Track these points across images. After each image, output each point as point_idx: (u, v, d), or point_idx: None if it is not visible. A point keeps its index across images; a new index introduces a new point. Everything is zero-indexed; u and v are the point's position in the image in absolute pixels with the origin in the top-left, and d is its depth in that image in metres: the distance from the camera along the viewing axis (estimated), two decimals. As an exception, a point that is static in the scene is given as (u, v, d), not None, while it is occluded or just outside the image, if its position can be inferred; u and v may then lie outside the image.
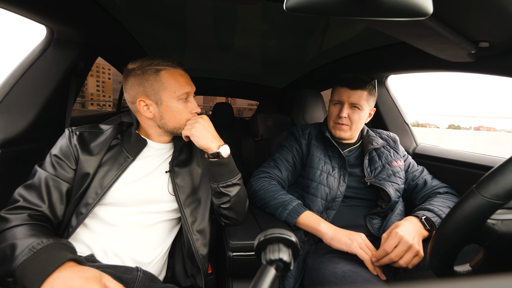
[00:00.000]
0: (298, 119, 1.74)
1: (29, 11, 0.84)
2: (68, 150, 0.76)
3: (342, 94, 1.07)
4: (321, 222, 0.91)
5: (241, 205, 0.90)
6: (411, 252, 0.77)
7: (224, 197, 0.85)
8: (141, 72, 0.80)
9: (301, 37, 1.25)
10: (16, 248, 0.56)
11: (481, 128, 17.46)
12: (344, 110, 1.06)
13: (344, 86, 1.07)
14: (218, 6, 1.01)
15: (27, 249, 0.55)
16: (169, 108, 0.82)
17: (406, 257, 0.77)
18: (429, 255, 0.52)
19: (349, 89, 1.06)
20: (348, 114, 1.06)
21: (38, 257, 0.54)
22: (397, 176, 1.06)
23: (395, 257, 0.77)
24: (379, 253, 0.80)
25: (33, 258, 0.54)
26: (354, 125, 1.08)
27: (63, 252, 0.57)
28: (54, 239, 0.59)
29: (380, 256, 0.79)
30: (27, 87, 0.96)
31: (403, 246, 0.77)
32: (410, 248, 0.77)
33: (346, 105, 1.06)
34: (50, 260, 0.54)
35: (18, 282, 0.53)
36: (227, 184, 0.84)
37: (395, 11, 0.39)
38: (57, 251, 0.57)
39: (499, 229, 0.46)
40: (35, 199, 0.69)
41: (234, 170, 0.87)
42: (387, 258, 0.78)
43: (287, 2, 0.41)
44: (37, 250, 0.55)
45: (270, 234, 0.37)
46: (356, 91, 1.05)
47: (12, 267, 0.53)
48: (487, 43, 0.72)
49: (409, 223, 0.83)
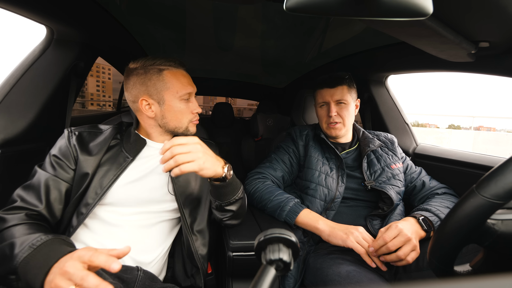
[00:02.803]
0: (298, 119, 1.74)
1: (29, 11, 0.84)
2: (67, 150, 0.76)
3: (325, 95, 1.10)
4: (319, 220, 0.91)
5: (243, 212, 0.90)
6: (410, 245, 0.78)
7: (228, 213, 0.84)
8: (143, 71, 0.80)
9: (301, 37, 1.25)
10: (15, 247, 0.57)
11: (481, 128, 17.46)
12: (332, 108, 1.08)
13: (324, 87, 1.11)
14: (218, 6, 1.01)
15: (27, 246, 0.56)
16: (171, 107, 0.82)
17: (404, 248, 0.77)
18: (429, 255, 0.52)
19: (330, 88, 1.09)
20: (337, 112, 1.09)
21: (39, 253, 0.55)
22: (397, 178, 1.06)
23: (393, 247, 0.77)
24: (377, 242, 0.80)
25: (34, 254, 0.55)
26: (345, 120, 1.10)
27: (62, 246, 0.58)
28: (53, 235, 0.60)
29: (378, 246, 0.79)
30: (27, 87, 0.96)
31: (402, 238, 0.78)
32: (409, 242, 0.78)
33: (332, 104, 1.09)
34: (50, 254, 0.55)
35: (21, 279, 0.54)
36: (231, 202, 0.80)
37: (395, 11, 0.39)
38: (57, 245, 0.58)
39: (499, 229, 0.46)
40: (32, 199, 0.69)
41: (237, 185, 0.81)
42: (385, 247, 0.78)
43: (287, 2, 0.41)
44: (37, 247, 0.56)
45: (270, 234, 0.37)
46: (336, 88, 1.08)
47: (14, 265, 0.54)
48: (487, 43, 0.72)
49: (407, 222, 0.83)
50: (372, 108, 1.51)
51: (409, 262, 0.77)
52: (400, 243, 0.78)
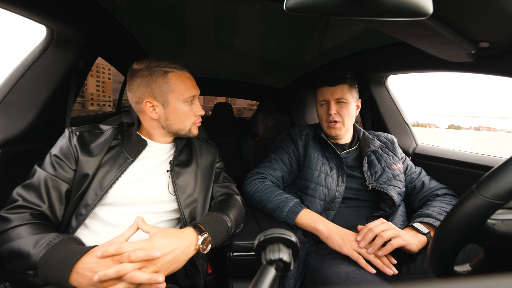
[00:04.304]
0: (298, 119, 1.74)
1: (29, 11, 0.84)
2: (68, 150, 0.76)
3: (325, 93, 1.10)
4: (319, 221, 0.91)
5: (241, 224, 0.90)
6: (391, 230, 0.80)
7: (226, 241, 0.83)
8: (148, 73, 0.80)
9: (301, 37, 1.25)
10: (30, 245, 0.59)
11: (481, 128, 17.46)
12: (332, 107, 1.08)
13: (325, 85, 1.11)
14: (218, 7, 1.01)
15: (44, 244, 0.59)
16: (176, 110, 0.83)
17: (388, 232, 0.80)
18: (429, 255, 0.52)
19: (330, 86, 1.09)
20: (336, 110, 1.09)
21: (58, 250, 0.59)
22: (398, 179, 1.06)
23: (377, 229, 0.80)
24: (362, 231, 0.83)
25: (52, 251, 0.59)
26: (345, 119, 1.10)
27: (79, 245, 0.63)
28: (67, 235, 0.64)
29: (363, 234, 0.82)
30: (27, 87, 0.96)
31: (386, 224, 0.82)
32: (392, 227, 0.81)
33: (332, 102, 1.09)
34: (71, 249, 0.60)
35: (39, 275, 0.57)
36: (224, 243, 0.79)
37: (395, 11, 0.39)
38: (73, 244, 0.62)
39: (499, 229, 0.46)
40: (34, 199, 0.69)
41: (222, 230, 0.75)
42: (369, 231, 0.81)
43: (287, 2, 0.41)
44: (54, 244, 0.59)
45: (270, 234, 0.37)
46: (337, 87, 1.08)
47: (33, 261, 0.57)
48: (487, 43, 0.72)
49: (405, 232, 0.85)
50: (372, 108, 1.51)
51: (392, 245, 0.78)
52: (384, 227, 0.81)
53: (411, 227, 0.86)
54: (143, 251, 0.57)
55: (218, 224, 0.76)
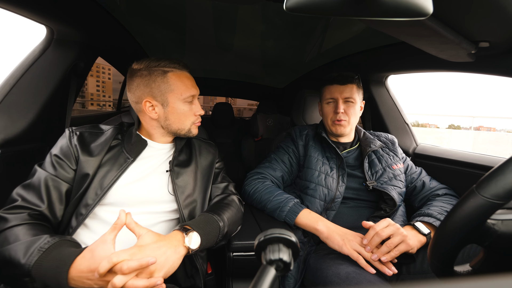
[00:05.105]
0: (298, 119, 1.74)
1: (29, 11, 0.84)
2: (69, 150, 0.76)
3: (334, 91, 1.10)
4: (319, 221, 0.91)
5: (238, 223, 0.89)
6: (399, 235, 0.78)
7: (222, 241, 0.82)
8: (147, 73, 0.80)
9: (301, 37, 1.25)
10: (21, 251, 0.58)
11: (481, 128, 17.45)
12: (340, 105, 1.08)
13: (334, 83, 1.10)
14: (218, 7, 1.01)
15: (36, 250, 0.58)
16: (175, 109, 0.83)
17: (394, 239, 0.78)
18: (429, 255, 0.52)
19: (340, 85, 1.09)
20: (343, 109, 1.08)
21: (49, 255, 0.58)
22: (398, 179, 1.06)
23: (384, 234, 0.78)
24: (368, 233, 0.81)
25: (44, 257, 0.57)
26: (351, 119, 1.10)
27: (71, 248, 0.61)
28: (58, 236, 0.62)
29: (370, 236, 0.80)
30: (27, 87, 0.96)
31: (392, 227, 0.80)
32: (399, 232, 0.78)
33: (340, 100, 1.09)
34: (63, 253, 0.59)
35: (37, 280, 0.57)
36: (217, 243, 0.78)
37: (395, 11, 0.39)
38: (65, 248, 0.60)
39: (499, 229, 0.46)
40: (34, 198, 0.69)
41: (213, 230, 0.74)
42: (376, 235, 0.79)
43: (287, 2, 0.41)
44: (45, 250, 0.58)
45: (270, 234, 0.37)
46: (347, 86, 1.08)
47: (27, 269, 0.56)
48: (487, 43, 0.72)
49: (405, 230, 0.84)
50: (372, 108, 1.51)
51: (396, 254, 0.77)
52: (390, 231, 0.79)
53: (412, 226, 0.86)
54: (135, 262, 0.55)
55: (208, 224, 0.75)
